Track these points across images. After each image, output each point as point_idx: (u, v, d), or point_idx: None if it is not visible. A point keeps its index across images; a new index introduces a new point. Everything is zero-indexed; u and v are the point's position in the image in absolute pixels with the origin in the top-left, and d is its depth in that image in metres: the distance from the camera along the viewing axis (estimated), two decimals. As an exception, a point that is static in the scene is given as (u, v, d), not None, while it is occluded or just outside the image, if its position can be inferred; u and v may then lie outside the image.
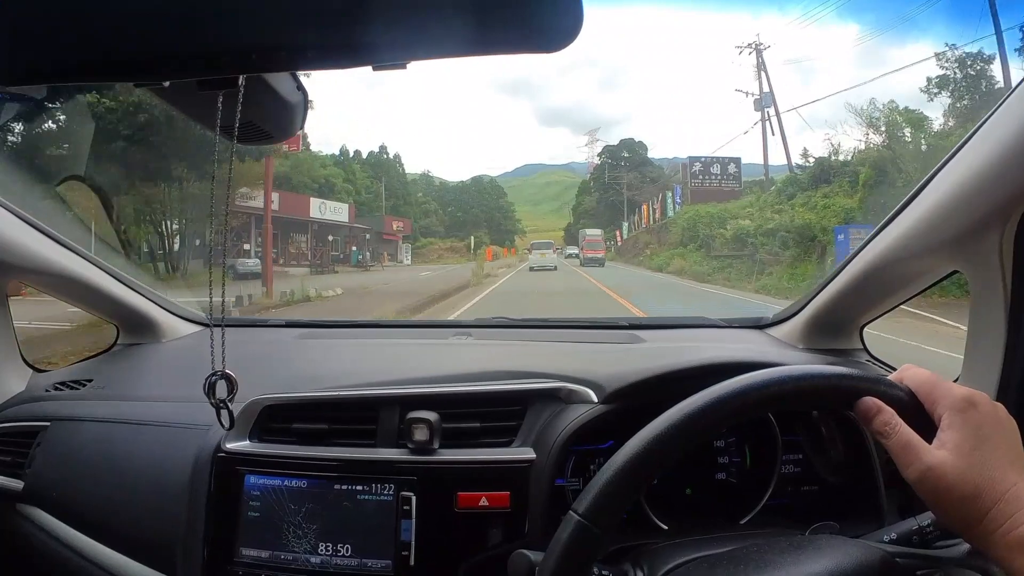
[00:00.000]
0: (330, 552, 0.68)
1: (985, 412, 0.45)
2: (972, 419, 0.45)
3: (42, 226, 0.92)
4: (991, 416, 0.45)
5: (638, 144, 46.68)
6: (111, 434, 0.88)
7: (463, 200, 52.04)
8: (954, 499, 0.43)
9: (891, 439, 0.46)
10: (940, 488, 0.43)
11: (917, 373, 0.49)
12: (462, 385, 0.78)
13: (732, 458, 0.77)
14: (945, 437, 0.44)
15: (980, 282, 0.75)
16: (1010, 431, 0.46)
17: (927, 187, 0.76)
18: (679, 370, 0.70)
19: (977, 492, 0.42)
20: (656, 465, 0.44)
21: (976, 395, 0.46)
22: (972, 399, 0.46)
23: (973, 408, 0.45)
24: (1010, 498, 0.42)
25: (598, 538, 0.42)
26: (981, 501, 0.42)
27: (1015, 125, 0.63)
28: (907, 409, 0.47)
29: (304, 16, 0.33)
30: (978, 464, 0.43)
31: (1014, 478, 0.43)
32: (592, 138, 63.33)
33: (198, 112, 0.49)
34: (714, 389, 0.45)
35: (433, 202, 48.17)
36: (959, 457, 0.43)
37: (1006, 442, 0.45)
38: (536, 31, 0.34)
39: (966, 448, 0.43)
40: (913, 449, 0.45)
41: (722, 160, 23.90)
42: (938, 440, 0.45)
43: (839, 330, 1.01)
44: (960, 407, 0.45)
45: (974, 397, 0.46)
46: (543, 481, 0.67)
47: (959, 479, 0.43)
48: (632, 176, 38.55)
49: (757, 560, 0.48)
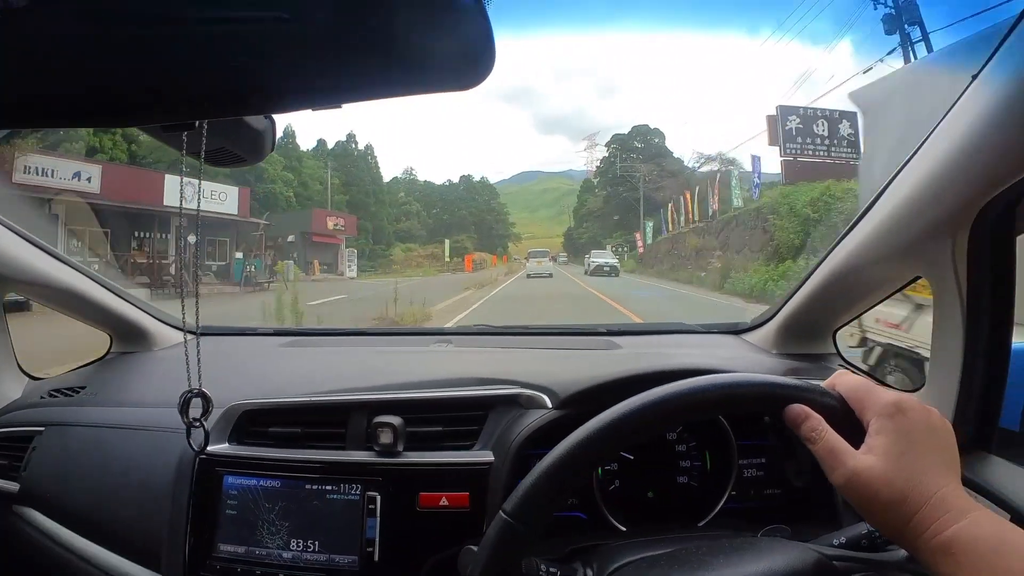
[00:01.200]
0: (301, 548, 0.71)
1: (914, 417, 0.45)
2: (901, 424, 0.45)
3: (36, 239, 0.97)
4: (921, 421, 0.46)
5: (653, 131, 38.22)
6: (102, 438, 0.92)
7: (449, 201, 45.79)
8: (880, 503, 0.43)
9: (817, 444, 0.46)
10: (866, 493, 0.44)
11: (848, 380, 0.50)
12: (427, 391, 0.81)
13: (693, 461, 0.78)
14: (873, 442, 0.45)
15: (939, 288, 0.76)
16: (941, 435, 0.46)
17: (885, 193, 0.77)
18: (630, 376, 0.72)
19: (903, 496, 0.43)
20: (582, 468, 0.46)
21: (905, 400, 0.47)
22: (901, 404, 0.46)
23: (901, 413, 0.45)
24: (936, 502, 0.42)
25: (523, 536, 0.44)
26: (907, 505, 0.43)
27: (962, 132, 0.65)
28: (837, 416, 0.48)
29: (255, 65, 0.36)
30: (905, 468, 0.43)
31: (941, 482, 0.43)
32: (591, 143, 59.16)
33: (172, 141, 0.53)
34: (638, 397, 0.47)
35: (415, 203, 42.28)
36: (886, 462, 0.44)
37: (935, 446, 0.45)
38: (453, 69, 0.36)
39: (893, 453, 0.44)
40: (838, 454, 0.45)
41: (829, 115, 14.17)
42: (866, 445, 0.45)
43: (812, 335, 1.02)
44: (888, 412, 0.45)
45: (903, 402, 0.46)
46: (501, 483, 0.69)
47: (885, 484, 0.43)
48: (649, 168, 32.01)
49: (695, 561, 0.50)
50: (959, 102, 0.65)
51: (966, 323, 0.73)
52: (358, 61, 0.35)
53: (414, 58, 0.35)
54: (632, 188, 32.76)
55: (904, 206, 0.73)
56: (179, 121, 0.42)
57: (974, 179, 0.66)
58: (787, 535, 0.63)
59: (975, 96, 0.63)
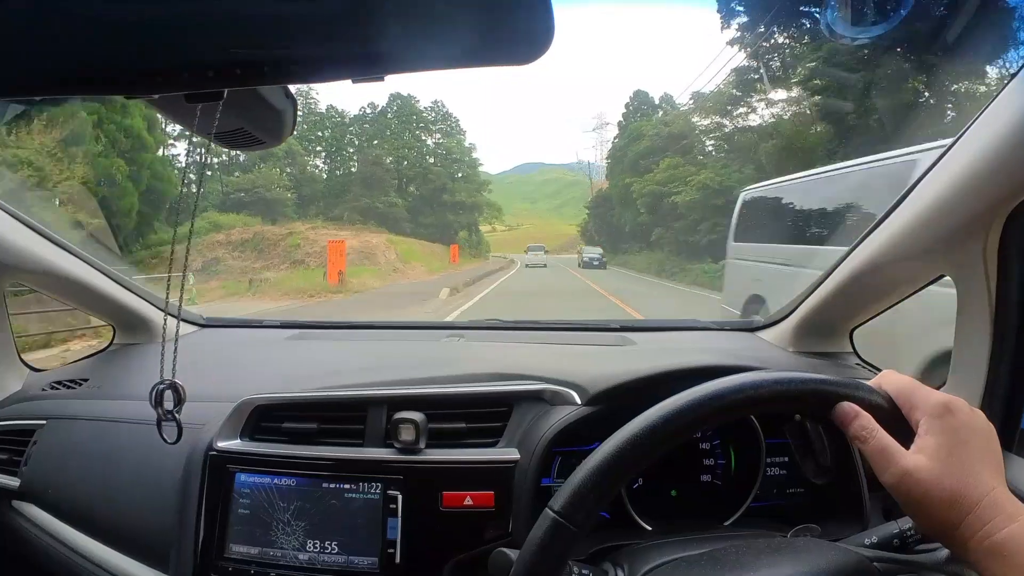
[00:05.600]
0: (318, 549, 0.69)
1: (963, 418, 0.45)
2: (949, 424, 0.45)
3: (39, 227, 0.94)
4: (969, 421, 0.45)
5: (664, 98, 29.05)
6: (106, 432, 0.89)
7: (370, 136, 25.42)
8: (930, 504, 0.43)
9: (868, 444, 0.46)
10: (916, 493, 0.43)
11: (896, 379, 0.50)
12: (449, 386, 0.79)
13: (717, 460, 0.77)
14: (923, 442, 0.45)
15: (966, 288, 0.75)
16: (988, 437, 0.46)
17: (913, 192, 0.76)
18: (661, 373, 0.71)
19: (954, 497, 0.42)
20: (631, 465, 0.45)
21: (954, 401, 0.46)
22: (950, 405, 0.46)
23: (951, 414, 0.45)
24: (987, 504, 0.42)
25: (573, 535, 0.43)
26: (958, 506, 0.42)
27: (997, 131, 0.64)
28: (885, 415, 0.47)
29: (286, 32, 0.34)
30: (955, 469, 0.43)
31: (991, 483, 0.43)
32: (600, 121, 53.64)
33: (190, 120, 0.50)
34: (690, 392, 0.46)
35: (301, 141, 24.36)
36: (936, 462, 0.43)
37: (984, 447, 0.45)
38: (510, 43, 0.34)
39: (943, 453, 0.44)
40: (890, 454, 0.45)
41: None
42: (916, 445, 0.45)
43: (829, 333, 1.02)
44: (938, 412, 0.45)
45: (952, 403, 0.46)
46: (527, 481, 0.68)
47: (935, 484, 0.43)
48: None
49: (734, 561, 0.49)
50: (996, 100, 0.64)
51: (993, 323, 0.73)
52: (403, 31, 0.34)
53: (465, 29, 0.33)
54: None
55: (934, 204, 0.73)
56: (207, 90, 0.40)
57: (1008, 178, 0.65)
58: (817, 534, 0.62)
59: (1013, 94, 0.62)
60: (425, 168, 27.02)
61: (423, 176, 26.56)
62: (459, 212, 27.29)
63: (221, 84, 0.39)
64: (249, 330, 1.30)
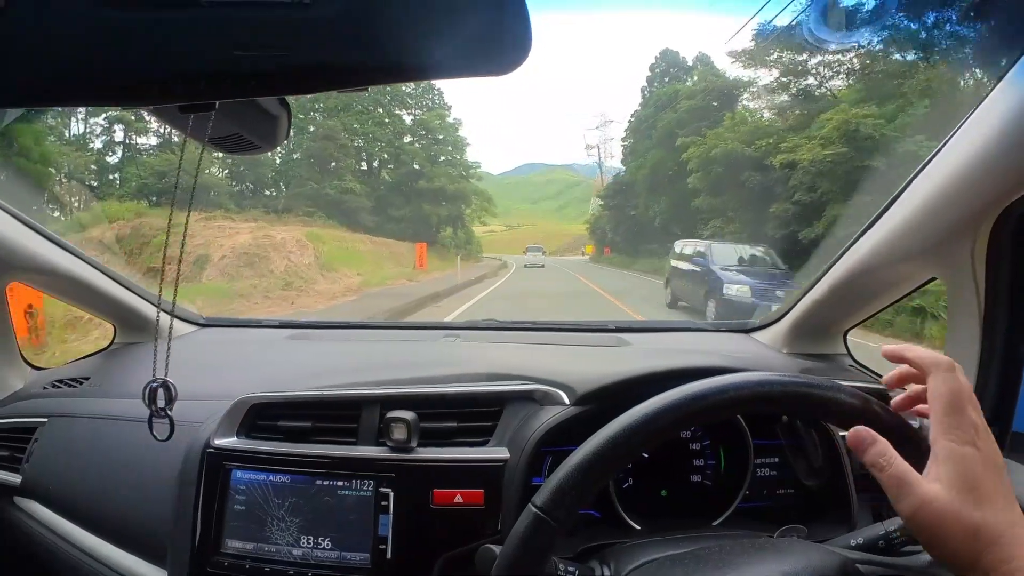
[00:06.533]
0: (311, 545, 0.70)
1: (986, 449, 0.43)
2: (971, 454, 0.42)
3: (41, 227, 0.95)
4: (988, 451, 0.43)
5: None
6: (106, 430, 0.91)
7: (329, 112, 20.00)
8: (948, 537, 0.41)
9: (884, 472, 0.43)
10: (934, 525, 0.41)
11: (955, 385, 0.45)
12: (440, 386, 0.80)
13: (708, 460, 0.78)
14: (940, 470, 0.42)
15: (956, 289, 0.76)
16: (1003, 469, 0.43)
17: (903, 194, 0.77)
18: (649, 374, 0.71)
19: (975, 531, 0.40)
20: (613, 463, 0.45)
21: (985, 430, 0.44)
22: (980, 432, 0.43)
23: (974, 445, 0.42)
24: (1008, 539, 0.40)
25: (555, 530, 0.44)
26: (978, 540, 0.40)
27: (985, 134, 0.64)
28: (898, 437, 0.46)
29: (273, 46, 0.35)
30: (974, 502, 0.41)
31: (1012, 518, 0.41)
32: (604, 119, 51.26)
33: (184, 126, 0.52)
34: (672, 392, 0.47)
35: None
36: (955, 493, 0.41)
37: (1001, 479, 0.42)
38: (491, 53, 0.35)
39: (961, 484, 0.41)
40: (907, 483, 0.42)
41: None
42: (932, 473, 0.42)
43: (823, 335, 1.02)
44: (967, 439, 0.42)
45: (983, 432, 0.43)
46: (516, 480, 0.68)
47: (954, 517, 0.41)
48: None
49: (718, 560, 0.49)
50: (984, 102, 0.65)
51: (983, 325, 0.73)
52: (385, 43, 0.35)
53: (444, 41, 0.34)
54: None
55: (924, 206, 0.73)
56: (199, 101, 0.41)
57: (997, 180, 0.65)
58: (804, 535, 0.63)
59: (1001, 96, 0.63)
60: (398, 148, 21.02)
61: (395, 158, 20.78)
62: (439, 202, 21.03)
63: (213, 96, 0.40)
64: (248, 330, 1.31)
